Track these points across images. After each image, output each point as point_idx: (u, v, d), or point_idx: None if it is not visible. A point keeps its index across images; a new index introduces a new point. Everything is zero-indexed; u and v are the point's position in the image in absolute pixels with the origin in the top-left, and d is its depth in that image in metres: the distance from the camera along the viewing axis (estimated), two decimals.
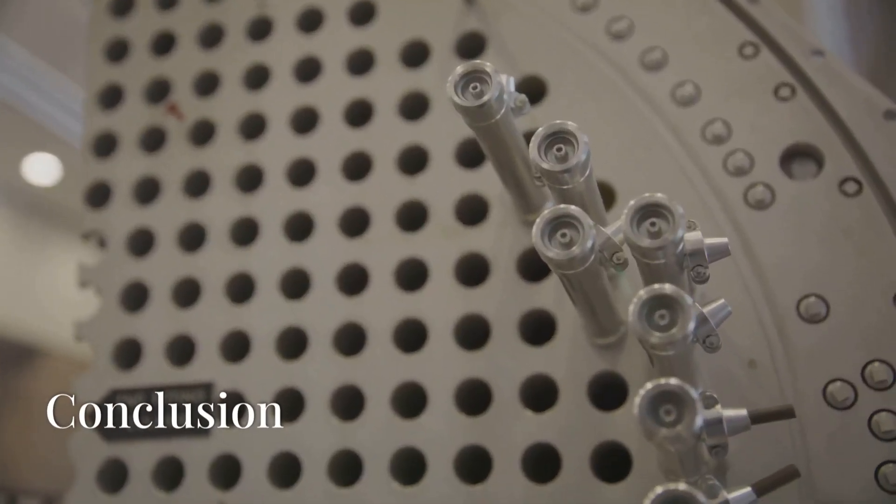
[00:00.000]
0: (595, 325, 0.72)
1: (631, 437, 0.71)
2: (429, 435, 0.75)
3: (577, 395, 0.73)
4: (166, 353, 0.85)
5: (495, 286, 0.78)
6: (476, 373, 0.76)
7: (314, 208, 0.85)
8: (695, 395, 0.48)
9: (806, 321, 0.70)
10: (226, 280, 0.85)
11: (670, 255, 0.54)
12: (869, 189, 0.72)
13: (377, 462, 0.76)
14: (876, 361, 0.67)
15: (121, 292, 0.88)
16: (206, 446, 0.81)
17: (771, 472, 0.58)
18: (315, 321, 0.82)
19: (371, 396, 0.78)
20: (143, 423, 0.83)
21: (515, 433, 0.73)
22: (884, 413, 0.66)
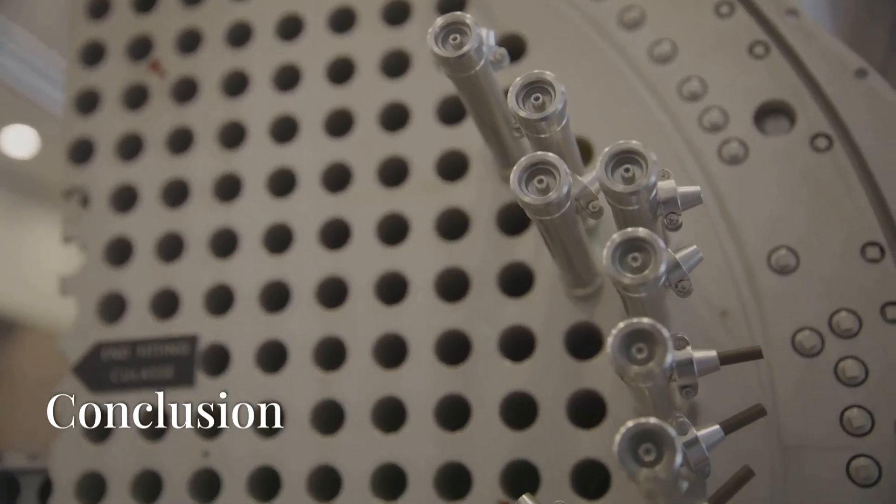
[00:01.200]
0: (572, 277, 0.73)
1: (606, 385, 0.73)
2: (409, 385, 0.77)
3: (554, 344, 0.75)
4: (151, 306, 0.86)
5: (475, 240, 0.79)
6: (456, 324, 0.78)
7: (297, 164, 0.86)
8: (666, 334, 0.50)
9: (776, 272, 0.72)
10: (209, 235, 0.86)
11: (644, 201, 0.55)
12: (839, 144, 0.74)
13: (359, 411, 0.78)
14: (843, 311, 0.70)
15: (105, 247, 0.89)
16: (190, 397, 0.82)
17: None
18: (297, 276, 0.83)
19: (353, 348, 0.79)
20: (128, 375, 0.84)
21: (494, 382, 0.75)
22: (849, 360, 0.68)
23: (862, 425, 0.67)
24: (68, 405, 0.84)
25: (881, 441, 0.66)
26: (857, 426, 0.67)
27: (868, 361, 0.68)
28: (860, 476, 0.66)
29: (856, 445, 0.67)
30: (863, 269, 0.70)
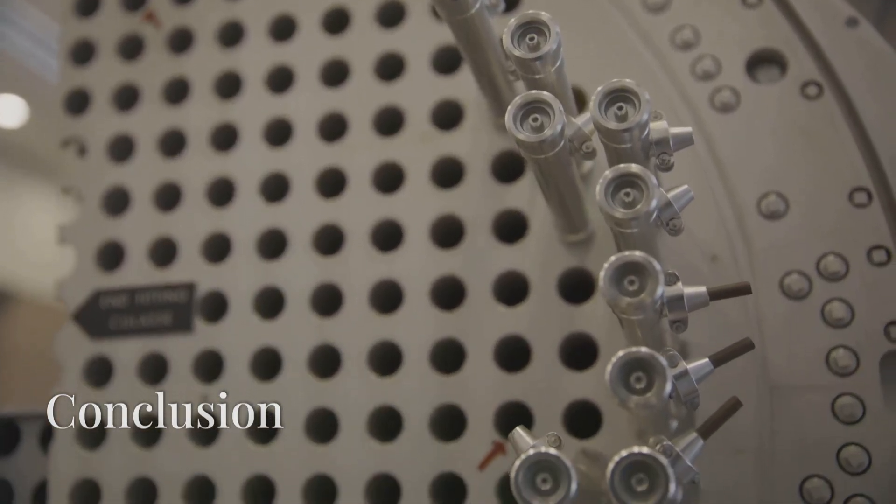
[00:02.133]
0: (565, 222, 0.75)
1: (598, 328, 0.74)
2: (405, 329, 0.78)
3: (548, 289, 0.76)
4: (149, 255, 0.87)
5: (470, 188, 0.80)
6: (451, 270, 0.79)
7: (293, 114, 0.87)
8: (657, 267, 0.52)
9: (766, 218, 0.73)
10: (206, 184, 0.87)
11: (636, 140, 0.56)
12: (829, 92, 0.75)
13: (356, 356, 0.79)
14: (830, 254, 0.71)
15: (102, 197, 0.89)
16: (189, 343, 0.83)
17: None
18: (294, 224, 0.84)
19: (349, 294, 0.81)
20: (127, 322, 0.85)
21: (488, 326, 0.77)
22: (836, 302, 0.70)
23: (847, 365, 0.68)
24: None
25: (865, 380, 0.68)
26: (842, 366, 0.68)
27: (854, 303, 0.70)
28: (844, 414, 0.68)
29: (841, 384, 0.68)
30: (850, 214, 0.72)
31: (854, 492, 0.66)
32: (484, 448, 0.74)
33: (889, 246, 0.70)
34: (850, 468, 0.67)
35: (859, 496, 0.66)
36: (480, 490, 0.73)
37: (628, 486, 0.49)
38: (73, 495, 0.82)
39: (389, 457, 0.76)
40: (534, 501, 0.50)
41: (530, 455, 0.51)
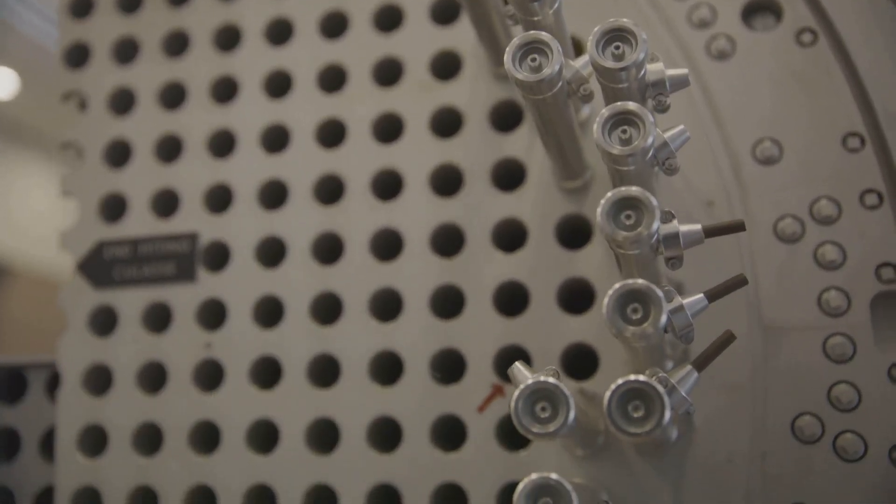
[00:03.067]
0: (563, 168, 0.76)
1: (595, 273, 0.76)
2: (406, 276, 0.80)
3: (545, 235, 0.77)
4: (151, 206, 0.88)
5: (469, 137, 0.81)
6: (450, 218, 0.80)
7: (293, 65, 0.87)
8: (654, 202, 0.53)
9: (760, 163, 0.74)
10: (207, 135, 0.88)
11: (633, 80, 0.57)
12: (824, 39, 0.76)
13: (356, 303, 0.80)
14: (823, 199, 0.72)
15: (104, 150, 0.90)
16: (192, 292, 0.84)
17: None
18: (295, 174, 0.85)
19: (349, 243, 0.82)
20: (130, 272, 0.86)
21: (487, 272, 0.78)
22: (828, 245, 0.71)
23: (839, 306, 0.70)
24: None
25: (857, 320, 0.69)
26: (834, 306, 0.70)
27: (846, 246, 0.71)
28: (836, 353, 0.69)
29: (833, 325, 0.70)
30: (843, 159, 0.73)
31: (844, 428, 0.68)
32: (483, 391, 0.76)
33: (881, 189, 0.71)
34: (841, 405, 0.68)
35: (849, 432, 0.68)
36: (480, 432, 0.75)
37: (625, 413, 0.51)
38: (80, 441, 0.83)
39: (390, 400, 0.77)
40: (533, 428, 0.51)
41: (530, 384, 0.52)
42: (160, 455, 0.81)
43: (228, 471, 0.80)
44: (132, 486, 0.81)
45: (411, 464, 0.76)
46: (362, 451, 0.77)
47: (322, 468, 0.78)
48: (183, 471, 0.80)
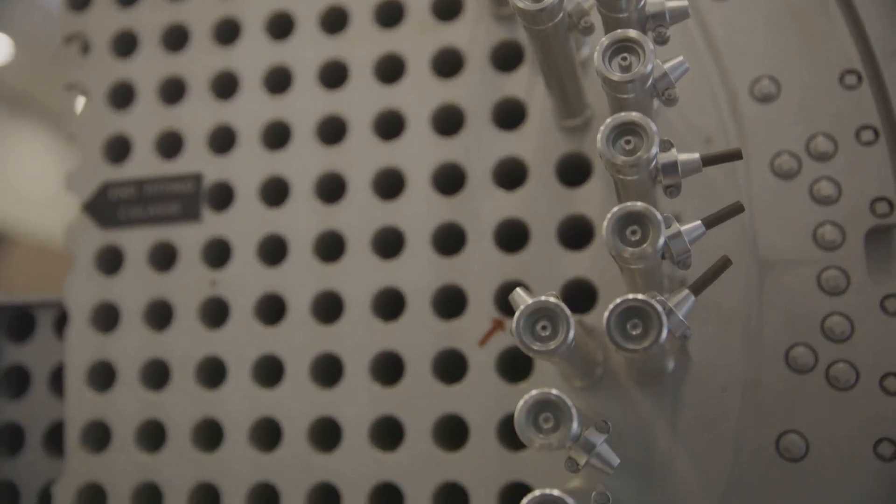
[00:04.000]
0: (564, 106, 0.77)
1: (594, 210, 0.77)
2: (408, 213, 0.81)
3: (546, 173, 0.78)
4: (155, 147, 0.89)
5: (470, 77, 0.82)
6: (452, 157, 0.81)
7: (295, 7, 0.88)
8: (654, 127, 0.54)
9: (758, 101, 0.75)
10: (210, 77, 0.88)
11: (633, 10, 0.58)
12: None
13: (359, 240, 0.81)
14: (820, 135, 0.73)
15: (107, 92, 0.91)
16: (197, 231, 0.86)
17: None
18: (297, 114, 0.85)
19: (353, 182, 0.83)
20: (136, 212, 0.87)
21: (488, 210, 0.79)
22: (824, 181, 0.72)
23: (833, 240, 0.71)
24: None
25: (851, 254, 0.71)
26: (828, 240, 0.71)
27: (842, 181, 0.72)
28: (830, 286, 0.71)
29: (827, 258, 0.71)
30: (840, 96, 0.74)
31: (837, 358, 0.69)
32: (484, 325, 0.77)
33: (877, 126, 0.72)
34: (834, 336, 0.70)
35: (842, 362, 0.69)
36: (480, 365, 0.77)
37: (623, 331, 0.52)
38: (89, 377, 0.85)
39: (393, 334, 0.79)
40: (534, 346, 0.53)
41: (531, 303, 0.53)
42: (167, 389, 0.83)
43: (234, 404, 0.81)
44: (140, 419, 0.83)
45: (413, 397, 0.77)
46: (365, 385, 0.79)
47: (326, 401, 0.79)
48: (189, 404, 0.82)
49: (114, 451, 0.83)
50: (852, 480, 0.67)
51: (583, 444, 0.55)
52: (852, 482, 0.67)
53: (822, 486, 0.68)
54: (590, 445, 0.55)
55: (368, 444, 0.78)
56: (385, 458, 0.77)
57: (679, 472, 0.70)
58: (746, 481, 0.69)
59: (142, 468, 0.82)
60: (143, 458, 0.82)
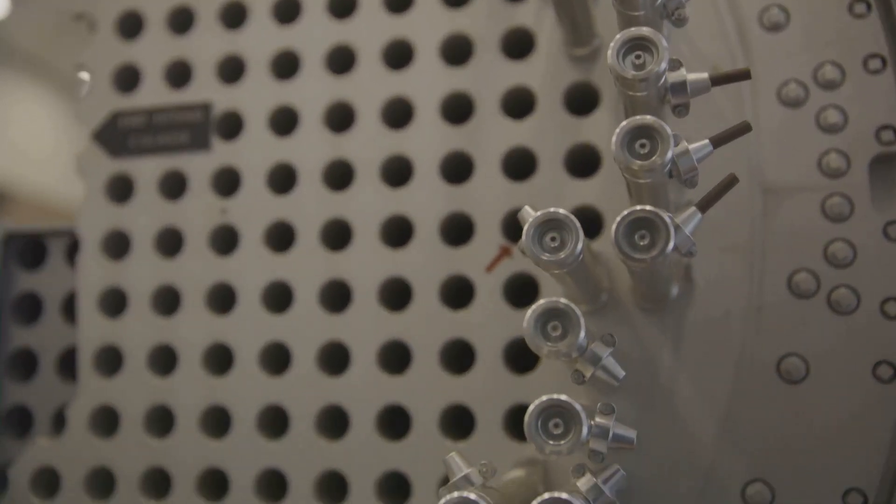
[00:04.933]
0: (573, 35, 0.77)
1: (602, 139, 0.77)
2: (416, 142, 0.81)
3: (553, 102, 0.79)
4: (164, 76, 0.89)
5: (478, 6, 0.82)
6: (460, 86, 0.81)
7: None
8: (664, 42, 0.54)
9: (767, 30, 0.75)
10: (219, 5, 0.88)
11: None
12: None
13: (368, 169, 0.82)
14: (828, 63, 0.74)
15: (116, 21, 0.91)
16: (206, 160, 0.86)
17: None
18: (307, 44, 0.86)
19: (361, 111, 0.83)
20: (146, 141, 0.88)
21: (496, 139, 0.80)
22: (831, 109, 0.73)
23: (838, 167, 0.72)
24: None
25: (855, 181, 0.71)
26: (833, 168, 0.72)
27: (848, 109, 0.73)
28: (833, 213, 0.71)
29: (831, 186, 0.72)
30: (849, 25, 0.74)
31: (839, 283, 0.70)
32: (491, 252, 0.78)
33: (884, 54, 0.73)
34: (836, 262, 0.71)
35: (843, 287, 0.70)
36: (487, 291, 0.78)
37: (631, 241, 0.53)
38: (101, 303, 0.86)
39: (401, 262, 0.80)
40: (543, 257, 0.54)
41: (540, 214, 0.54)
42: (178, 315, 0.84)
43: (244, 330, 0.83)
44: (151, 344, 0.85)
45: (420, 321, 0.79)
46: (374, 311, 0.80)
47: (334, 325, 0.81)
48: (200, 330, 0.84)
49: (126, 374, 0.85)
50: (851, 402, 0.69)
51: (589, 357, 0.57)
52: (851, 404, 0.69)
53: (822, 407, 0.69)
54: (596, 358, 0.57)
55: (376, 368, 0.79)
56: (392, 382, 0.79)
57: (681, 395, 0.72)
58: (747, 403, 0.70)
59: (154, 391, 0.84)
60: (155, 382, 0.84)
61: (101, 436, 0.84)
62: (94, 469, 0.84)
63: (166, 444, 0.82)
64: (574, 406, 0.53)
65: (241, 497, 0.80)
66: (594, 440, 0.56)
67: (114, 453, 0.84)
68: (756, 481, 0.69)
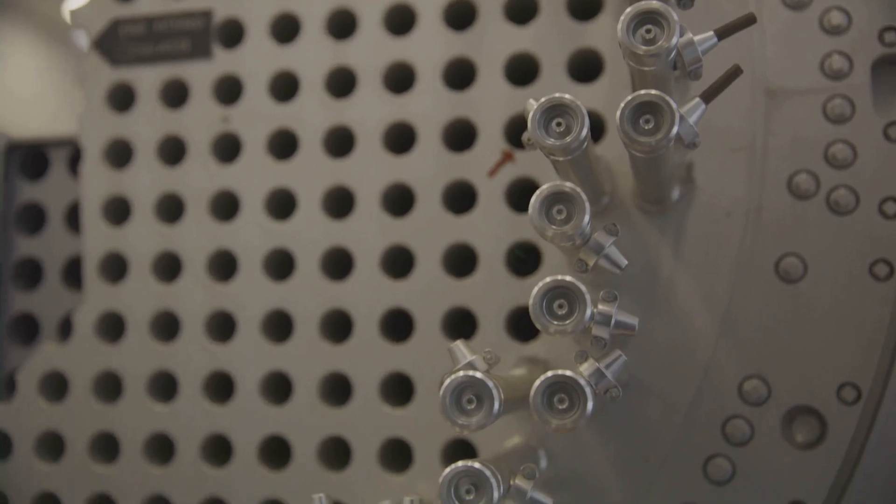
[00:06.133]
0: None
1: (605, 44, 0.77)
2: (418, 49, 0.81)
3: (556, 6, 0.79)
4: None
5: None
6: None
7: None
8: None
9: None
10: None
11: None
12: None
13: (370, 76, 0.82)
14: None
15: None
16: (208, 68, 0.86)
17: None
18: None
19: (362, 18, 0.83)
20: (146, 49, 0.87)
21: (499, 44, 0.80)
22: (834, 10, 0.73)
23: (840, 69, 0.72)
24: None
25: (857, 82, 0.72)
26: (836, 69, 0.72)
27: (852, 11, 0.72)
28: (834, 114, 0.71)
29: (833, 87, 0.72)
30: None
31: (838, 183, 0.71)
32: (493, 157, 0.79)
33: None
34: (836, 163, 0.71)
35: (843, 187, 0.71)
36: (489, 196, 0.78)
37: (636, 125, 0.54)
38: (104, 212, 0.87)
39: (404, 168, 0.80)
40: (548, 142, 0.54)
41: (545, 99, 0.55)
42: (181, 222, 0.85)
43: (248, 237, 0.83)
44: (156, 251, 0.85)
45: (424, 226, 0.79)
46: (377, 216, 0.81)
47: (338, 231, 0.81)
48: (204, 237, 0.84)
49: (131, 281, 0.86)
50: (847, 300, 0.70)
51: (592, 245, 0.57)
52: (848, 302, 0.70)
53: (818, 305, 0.70)
54: (599, 246, 0.57)
55: (379, 272, 0.80)
56: (395, 286, 0.80)
57: (681, 294, 0.73)
58: (746, 302, 0.71)
59: (159, 297, 0.85)
60: (159, 288, 0.85)
61: (107, 341, 0.86)
62: (101, 373, 0.85)
63: (172, 349, 0.84)
64: (579, 286, 0.53)
65: (246, 398, 0.81)
66: (597, 327, 0.57)
67: (120, 358, 0.85)
68: (753, 377, 0.71)
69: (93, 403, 0.85)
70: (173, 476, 0.82)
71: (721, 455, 0.71)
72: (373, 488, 0.77)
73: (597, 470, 0.73)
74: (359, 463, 0.78)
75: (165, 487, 0.82)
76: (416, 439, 0.77)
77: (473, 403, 0.54)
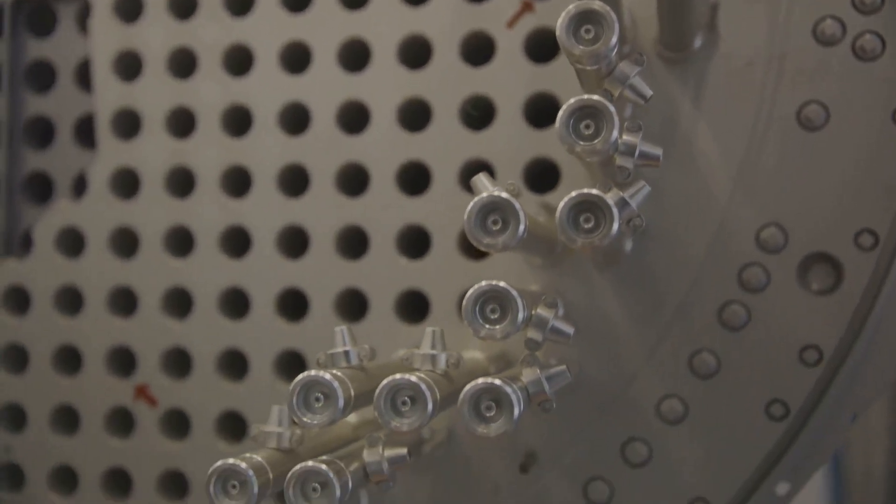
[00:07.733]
0: None
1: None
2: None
3: None
4: None
5: None
6: None
7: None
8: None
9: None
10: None
11: None
12: None
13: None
14: None
15: None
16: None
17: None
18: None
19: None
20: None
21: None
22: None
23: None
24: None
25: None
26: None
27: None
28: None
29: None
30: None
31: (864, 29, 0.69)
32: (512, 7, 0.77)
33: None
34: (864, 7, 0.69)
35: (869, 33, 0.69)
36: (508, 49, 0.77)
37: None
38: (116, 68, 0.86)
39: (420, 19, 0.79)
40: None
41: None
42: (195, 77, 0.84)
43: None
44: (169, 106, 0.84)
45: (441, 79, 0.78)
46: (393, 69, 0.80)
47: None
48: (218, 89, 0.83)
49: (144, 137, 0.85)
50: (868, 147, 0.69)
51: (618, 75, 0.56)
52: (868, 148, 0.69)
53: (839, 153, 0.70)
54: (624, 76, 0.57)
55: (396, 126, 0.79)
56: (412, 139, 0.79)
57: (700, 143, 0.72)
58: (766, 150, 0.71)
59: (173, 153, 0.84)
60: (174, 144, 0.84)
61: (122, 197, 0.86)
62: (118, 229, 0.85)
63: (188, 204, 0.84)
64: (606, 104, 0.53)
65: (262, 251, 0.82)
66: (621, 157, 0.57)
67: (136, 214, 0.85)
68: (770, 225, 0.71)
69: (109, 259, 0.85)
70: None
71: (736, 301, 0.72)
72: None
73: (612, 318, 0.74)
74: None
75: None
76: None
77: (499, 224, 0.54)
